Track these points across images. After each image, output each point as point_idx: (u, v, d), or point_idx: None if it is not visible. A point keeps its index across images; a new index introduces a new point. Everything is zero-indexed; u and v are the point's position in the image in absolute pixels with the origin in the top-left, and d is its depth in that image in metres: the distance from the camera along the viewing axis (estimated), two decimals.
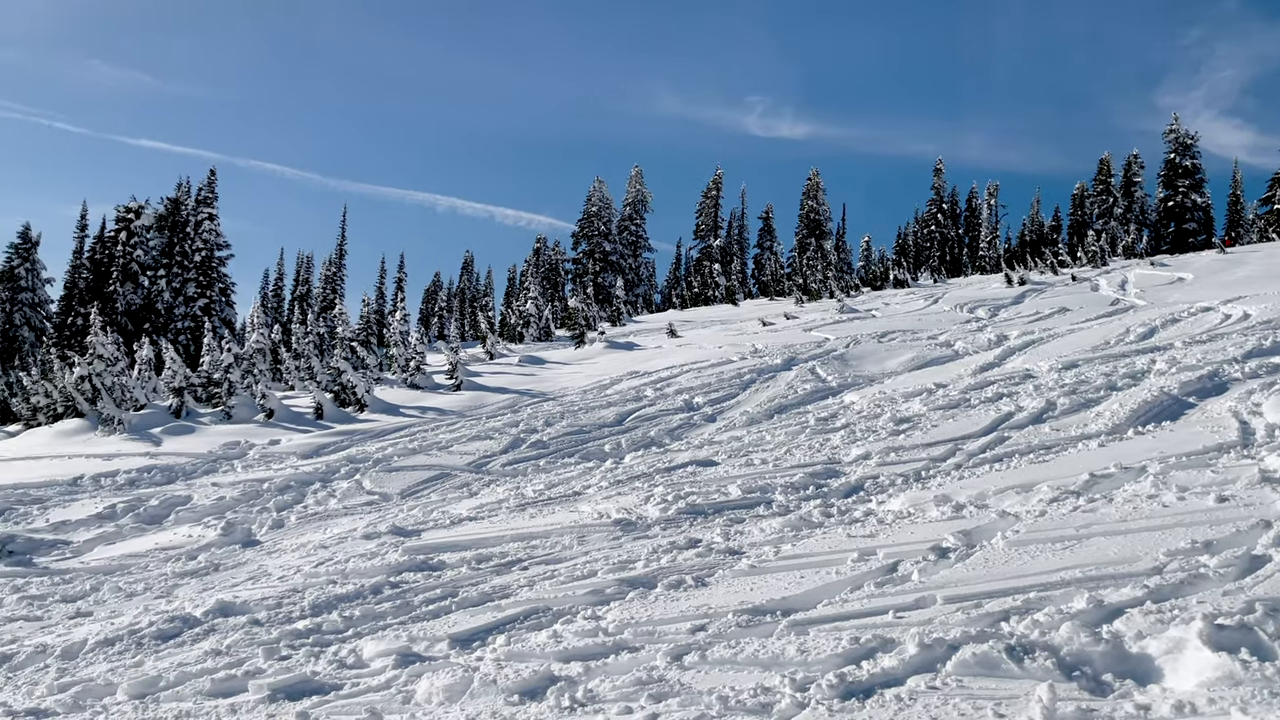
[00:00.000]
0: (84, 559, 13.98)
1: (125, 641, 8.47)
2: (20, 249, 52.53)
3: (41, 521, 15.86)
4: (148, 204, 48.31)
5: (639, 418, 19.08)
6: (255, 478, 17.46)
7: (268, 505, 15.77)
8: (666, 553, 9.55)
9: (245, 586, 10.58)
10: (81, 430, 22.86)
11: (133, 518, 15.87)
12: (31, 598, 11.66)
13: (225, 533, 14.33)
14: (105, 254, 48.40)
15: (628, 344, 31.37)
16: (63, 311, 48.89)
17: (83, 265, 49.04)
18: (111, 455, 19.96)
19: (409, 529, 12.47)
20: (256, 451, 19.83)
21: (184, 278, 46.85)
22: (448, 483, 16.15)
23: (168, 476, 18.30)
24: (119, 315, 45.00)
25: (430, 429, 20.66)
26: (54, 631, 9.46)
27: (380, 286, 53.43)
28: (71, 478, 18.28)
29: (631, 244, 63.76)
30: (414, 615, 8.55)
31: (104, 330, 26.67)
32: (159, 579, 11.96)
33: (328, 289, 54.47)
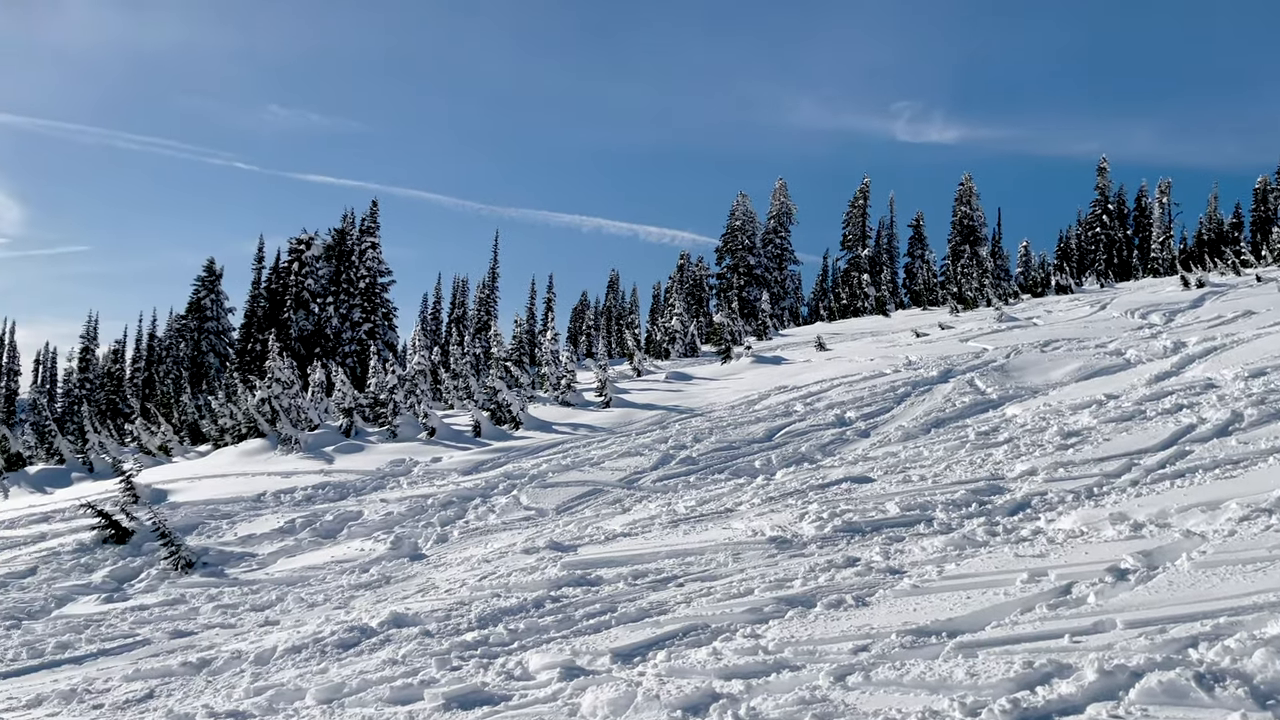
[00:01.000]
0: (269, 571, 14.95)
1: (311, 649, 9.02)
2: (206, 281, 56.86)
3: (230, 535, 17.06)
4: (317, 235, 51.43)
5: (789, 433, 18.91)
6: (420, 494, 18.25)
7: (432, 520, 16.46)
8: (824, 571, 9.43)
9: (415, 599, 11.08)
10: (263, 450, 24.46)
11: (310, 532, 16.88)
12: (225, 606, 12.58)
13: (394, 547, 15.05)
14: (280, 284, 51.80)
15: (775, 358, 31.14)
16: (243, 338, 52.56)
17: (260, 295, 52.63)
18: (290, 473, 21.27)
19: (566, 544, 12.76)
20: (420, 469, 20.71)
21: (350, 304, 49.58)
22: (600, 498, 16.44)
23: (340, 493, 19.35)
24: (293, 341, 48.01)
25: (582, 445, 21.08)
26: (247, 638, 10.16)
27: (531, 307, 55.03)
28: (255, 494, 19.58)
29: (776, 257, 63.34)
30: (575, 629, 8.75)
31: (280, 355, 28.49)
32: (336, 590, 12.68)
33: (482, 311, 56.48)
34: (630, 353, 35.31)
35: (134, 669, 9.18)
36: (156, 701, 8.19)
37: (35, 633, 11.91)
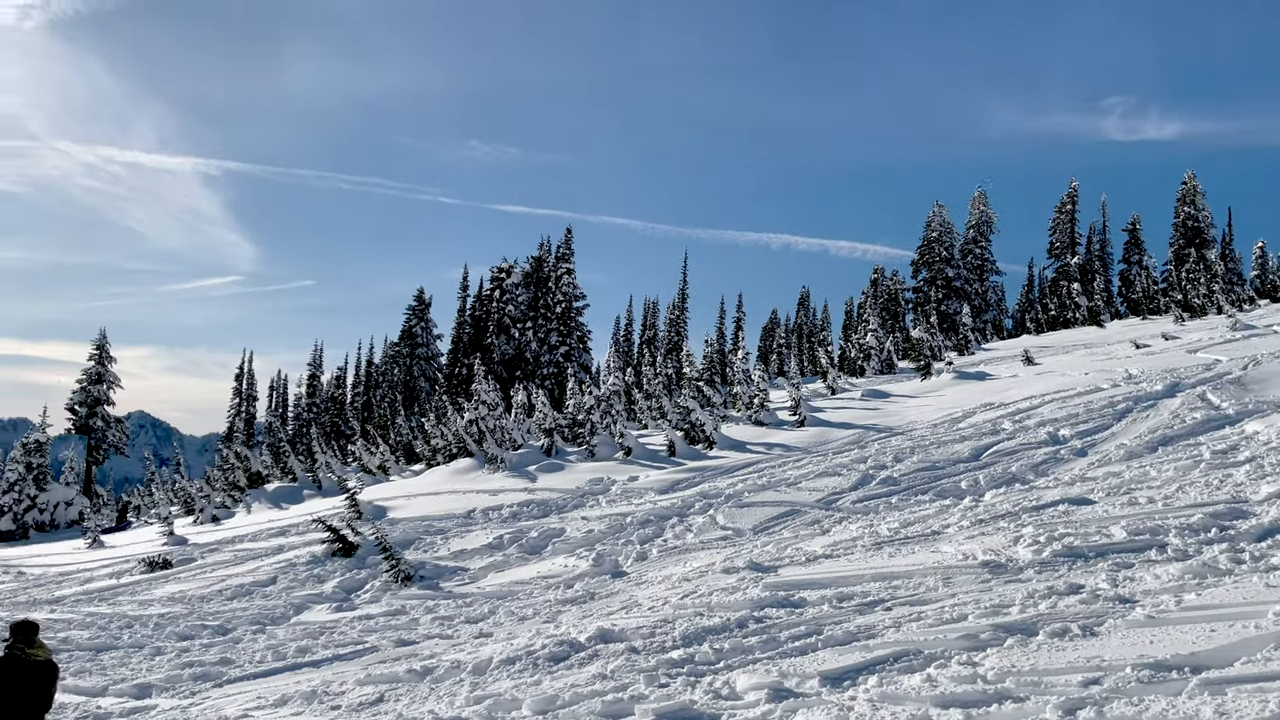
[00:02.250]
0: (480, 585, 15.66)
1: (523, 661, 9.36)
2: (416, 310, 60.58)
3: (444, 550, 18.00)
4: (516, 264, 53.81)
5: (997, 452, 18.01)
6: (618, 512, 18.62)
7: (631, 538, 16.75)
8: (1044, 598, 8.90)
9: (620, 615, 11.29)
10: (471, 468, 25.69)
11: (517, 548, 17.57)
12: (442, 618, 13.26)
13: (596, 564, 15.42)
14: (483, 310, 54.48)
15: (978, 374, 29.79)
16: (450, 363, 55.56)
17: (465, 321, 55.51)
18: (497, 491, 22.22)
19: (766, 565, 12.65)
20: (618, 487, 21.14)
21: (547, 328, 51.47)
22: (798, 519, 16.21)
23: (543, 510, 20.02)
24: (496, 364, 50.31)
25: (777, 465, 20.88)
26: (464, 649, 10.67)
27: (720, 326, 55.26)
28: (465, 511, 20.58)
29: (977, 268, 60.67)
30: (781, 650, 8.65)
31: (485, 379, 29.90)
32: (544, 605, 13.11)
33: (672, 331, 57.23)
34: (823, 371, 34.75)
35: (365, 674, 9.82)
36: (387, 705, 8.72)
37: (278, 637, 12.97)
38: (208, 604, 15.65)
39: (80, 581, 19.25)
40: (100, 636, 13.50)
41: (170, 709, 9.49)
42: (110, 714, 9.56)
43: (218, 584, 17.05)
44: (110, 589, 17.94)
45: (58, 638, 13.40)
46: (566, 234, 53.10)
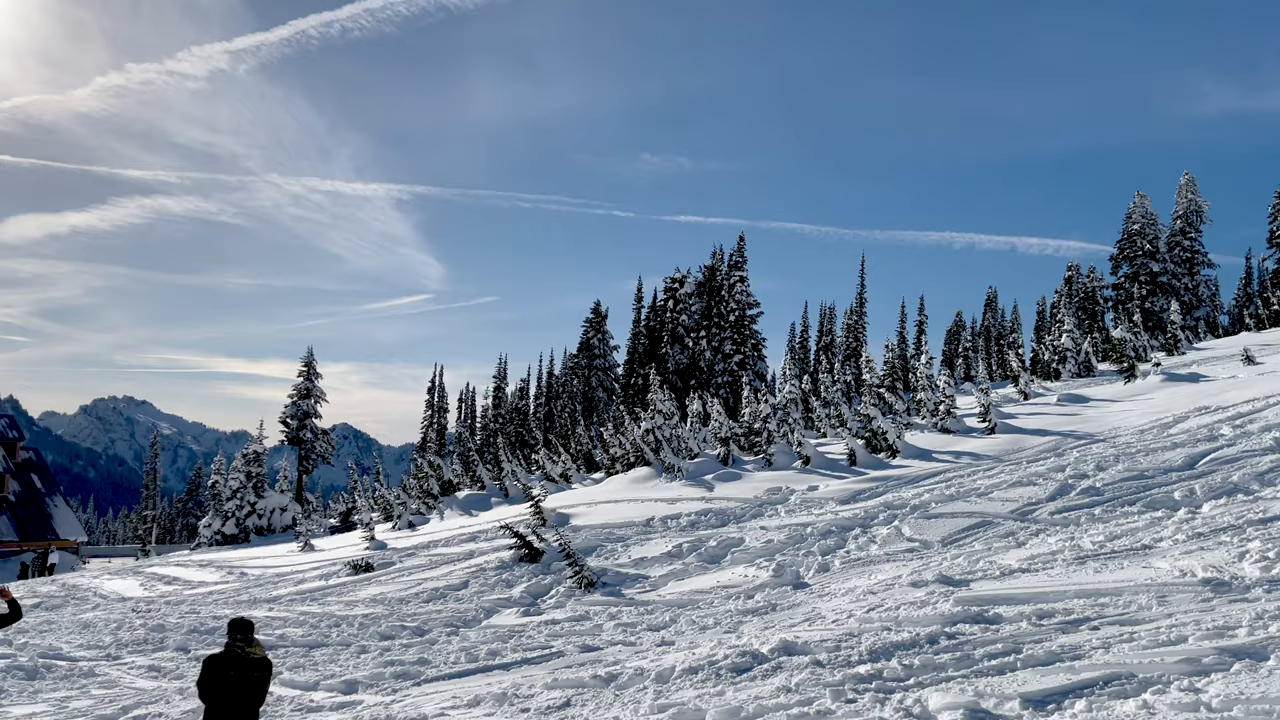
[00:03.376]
0: (660, 592, 15.76)
1: (706, 671, 9.31)
2: (593, 322, 61.99)
3: (625, 558, 18.23)
4: (689, 273, 54.10)
5: (1216, 460, 16.55)
6: (798, 522, 18.31)
7: (812, 549, 16.42)
8: (1275, 619, 8.06)
9: (803, 627, 11.06)
10: (649, 477, 25.95)
11: (696, 557, 17.58)
12: (625, 625, 13.42)
13: (776, 574, 15.20)
14: (657, 320, 55.07)
15: (1190, 375, 27.51)
16: (627, 373, 56.46)
17: (640, 332, 56.29)
18: (674, 500, 22.33)
19: (956, 578, 12.10)
20: (797, 497, 20.80)
21: (721, 336, 51.42)
22: (990, 531, 15.43)
23: (721, 520, 19.95)
24: (670, 374, 50.71)
25: (966, 474, 19.99)
26: (646, 656, 10.73)
27: (901, 330, 53.52)
28: (644, 519, 20.79)
29: (1185, 261, 56.12)
30: (976, 669, 8.22)
31: (660, 388, 30.17)
32: (725, 615, 13.03)
33: (850, 337, 55.98)
34: (1014, 374, 33.04)
35: (552, 678, 10.04)
36: (573, 710, 8.87)
37: (470, 640, 13.48)
38: (406, 606, 16.48)
39: (294, 582, 20.70)
40: (312, 634, 14.44)
41: (375, 705, 10.00)
42: (322, 707, 10.18)
43: (415, 587, 17.94)
44: (320, 590, 19.21)
45: (275, 634, 14.45)
46: (739, 241, 52.95)
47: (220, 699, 6.73)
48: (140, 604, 19.41)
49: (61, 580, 26.64)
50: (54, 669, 13.04)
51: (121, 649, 14.33)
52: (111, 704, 10.83)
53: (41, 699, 11.40)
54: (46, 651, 14.13)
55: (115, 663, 13.48)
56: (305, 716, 9.84)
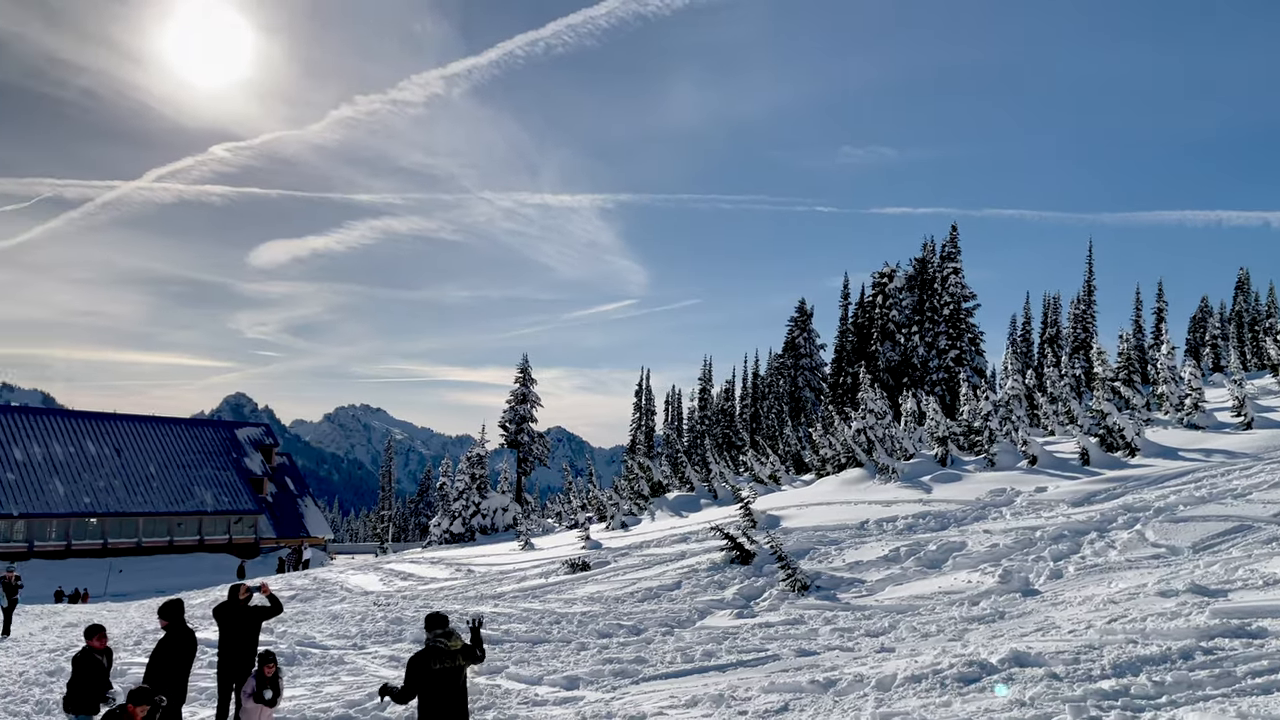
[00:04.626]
0: (877, 597, 15.29)
1: (930, 680, 8.92)
2: (798, 321, 61.20)
3: (839, 561, 17.82)
4: (898, 267, 52.33)
5: None
6: (1025, 525, 17.27)
7: (1042, 554, 15.44)
8: None
9: (1035, 637, 10.40)
10: (861, 479, 25.29)
11: (914, 561, 16.92)
12: (841, 630, 13.10)
13: (1003, 580, 14.38)
14: (865, 317, 53.64)
15: None
16: (834, 372, 55.34)
17: (847, 329, 55.02)
18: (889, 502, 21.63)
19: (1212, 588, 11.01)
20: (1023, 499, 19.65)
21: (935, 331, 49.42)
22: (1250, 536, 13.97)
23: (940, 523, 19.13)
24: (881, 372, 49.21)
25: (1219, 474, 18.20)
26: (865, 663, 10.42)
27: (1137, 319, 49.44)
28: (858, 522, 20.25)
29: None
30: (1238, 688, 7.43)
31: (871, 387, 29.31)
32: (948, 622, 12.46)
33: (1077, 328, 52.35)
34: (1273, 364, 29.83)
35: (769, 681, 9.93)
36: (791, 715, 8.73)
37: (685, 640, 13.58)
38: (621, 605, 16.83)
39: (516, 580, 21.63)
40: (534, 630, 15.02)
41: (595, 701, 10.25)
42: (546, 701, 10.54)
43: (629, 586, 18.30)
44: (540, 587, 19.97)
45: (501, 629, 15.13)
46: (951, 231, 50.70)
47: (429, 692, 7.09)
48: (381, 598, 20.87)
49: (313, 575, 29.11)
50: (309, 656, 14.22)
51: (366, 639, 15.44)
52: (359, 690, 11.67)
53: (299, 683, 12.45)
54: (302, 640, 15.44)
55: (361, 652, 14.53)
56: (531, 710, 10.21)
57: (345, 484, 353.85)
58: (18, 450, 60.74)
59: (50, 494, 59.54)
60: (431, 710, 7.10)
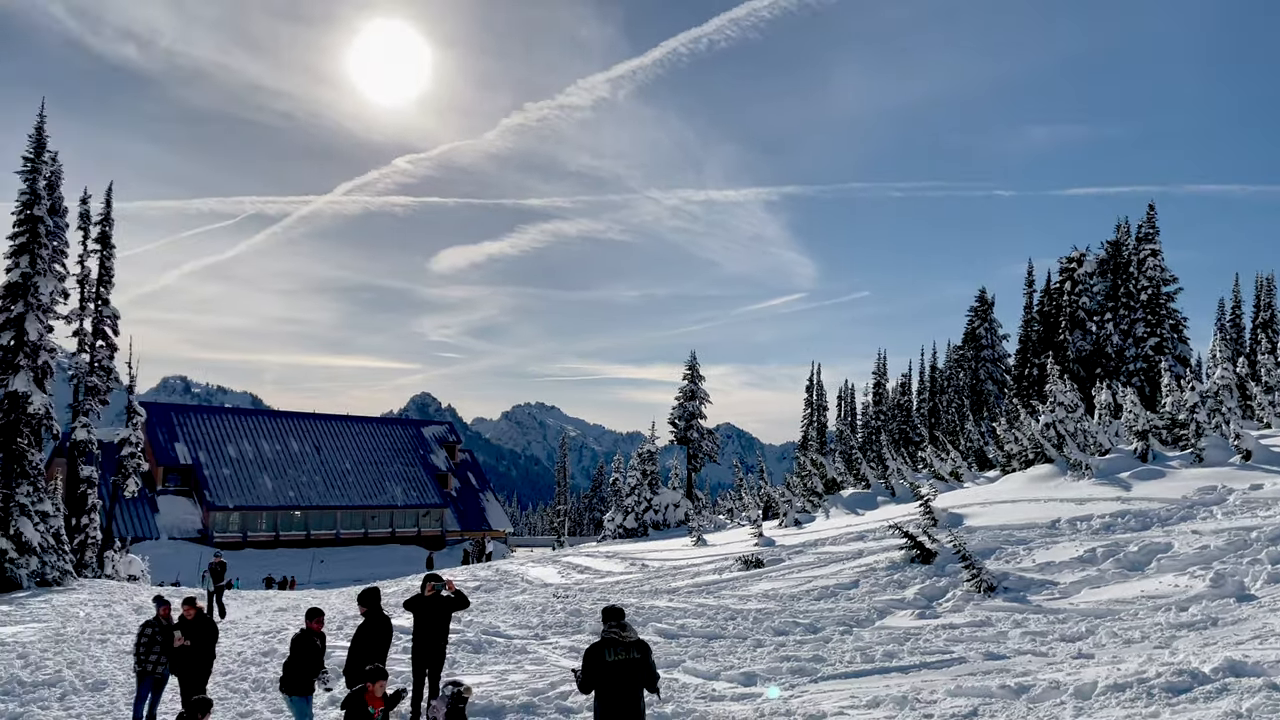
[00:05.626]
0: (1072, 600, 14.42)
1: (1135, 689, 8.33)
2: (978, 311, 58.65)
3: (1028, 562, 16.93)
4: (1087, 251, 49.20)
5: None
6: (1240, 526, 15.90)
7: (1259, 557, 14.15)
8: None
9: (1252, 645, 9.54)
10: (1051, 475, 23.96)
11: (1113, 563, 15.86)
12: (1032, 634, 12.44)
13: (1215, 584, 13.27)
14: (1052, 305, 50.77)
15: None
16: (1019, 364, 52.69)
17: (1032, 318, 52.23)
18: (1083, 500, 20.40)
19: None
20: (1236, 497, 18.09)
21: (1130, 318, 46.24)
22: None
23: (1142, 522, 17.87)
24: (1070, 362, 46.45)
25: None
26: (1061, 669, 9.85)
27: None
28: (1048, 521, 19.18)
29: None
30: None
31: (1060, 378, 27.72)
32: (1153, 628, 11.61)
33: None
34: None
35: (955, 685, 9.55)
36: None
37: (864, 640, 13.25)
38: (797, 602, 16.62)
39: (689, 575, 21.73)
40: (709, 626, 15.04)
41: (774, 698, 10.15)
42: (724, 697, 10.53)
43: (805, 584, 18.04)
44: (714, 583, 19.98)
45: (676, 624, 15.24)
46: (1148, 211, 47.22)
47: (606, 683, 7.20)
48: (559, 590, 21.45)
49: (495, 566, 30.26)
50: (494, 644, 14.78)
51: (547, 630, 15.91)
52: (542, 679, 12.02)
53: (486, 670, 12.95)
54: (487, 629, 16.06)
55: (542, 642, 14.98)
56: (709, 705, 10.22)
57: (522, 479, 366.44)
58: (232, 448, 66.16)
59: (260, 488, 64.56)
60: (606, 700, 7.22)
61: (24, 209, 27.83)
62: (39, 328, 27.41)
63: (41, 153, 28.40)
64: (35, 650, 15.97)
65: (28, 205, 27.83)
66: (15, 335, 26.88)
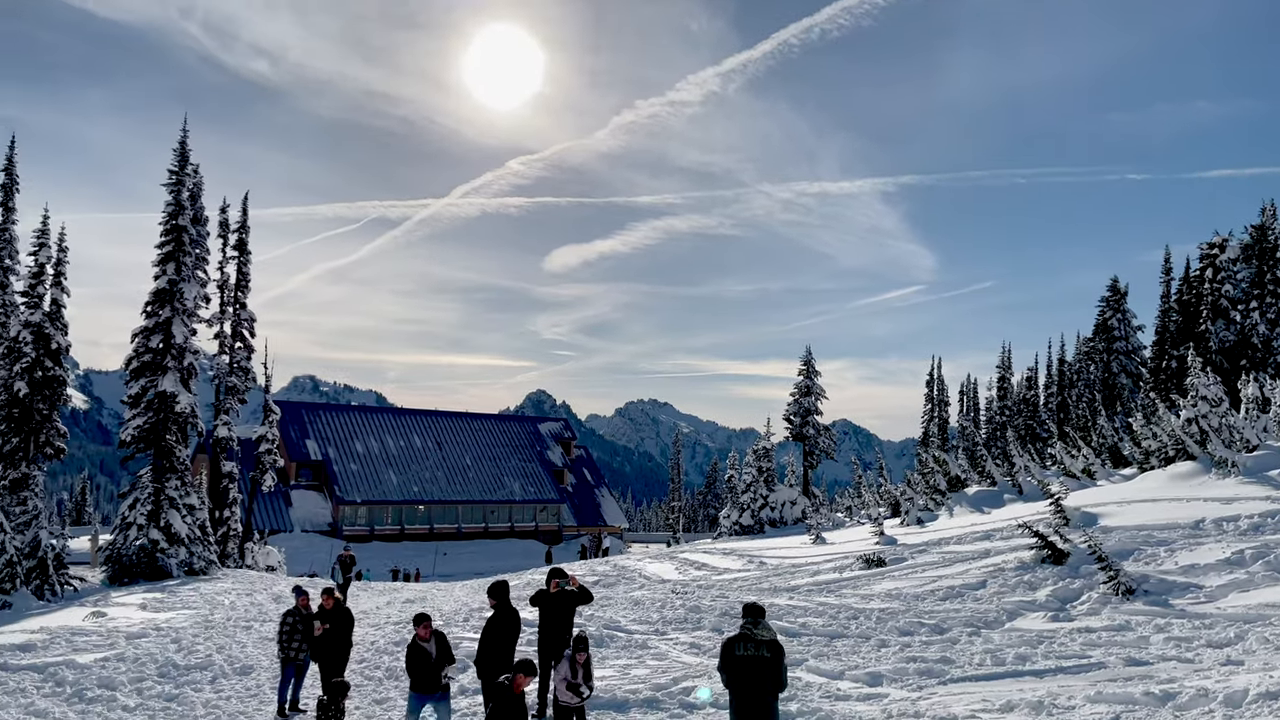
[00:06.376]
0: (1219, 604, 13.65)
1: None
2: (1110, 301, 56.01)
3: (1170, 564, 16.10)
4: (1230, 236, 46.42)
5: None
6: None
7: None
8: None
9: None
10: (1194, 473, 22.72)
11: (1263, 565, 14.93)
12: (1176, 639, 11.83)
13: None
14: (1192, 294, 48.09)
15: None
16: (1155, 355, 50.11)
17: (1170, 308, 49.59)
18: (1230, 499, 19.28)
19: None
20: None
21: (1278, 306, 43.48)
22: None
23: None
24: (1212, 354, 43.93)
25: None
26: (1209, 676, 9.35)
27: None
28: (1191, 521, 18.20)
29: None
30: None
31: (1203, 371, 26.26)
32: None
33: None
34: None
35: (1095, 691, 9.17)
36: None
37: (994, 642, 12.85)
38: (922, 602, 16.24)
39: (809, 573, 21.49)
40: (831, 625, 14.84)
41: (901, 699, 9.97)
42: (849, 696, 10.39)
43: (929, 584, 17.61)
44: (834, 582, 19.71)
45: (797, 623, 15.10)
46: None
47: (735, 677, 7.22)
48: (677, 586, 21.52)
49: (612, 561, 30.56)
50: (615, 639, 14.94)
51: (666, 625, 15.98)
52: (664, 674, 12.11)
53: (608, 665, 13.11)
54: (608, 624, 16.25)
55: (663, 638, 15.06)
56: (834, 704, 10.10)
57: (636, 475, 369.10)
58: (359, 444, 68.77)
59: (386, 483, 66.92)
60: (737, 694, 7.23)
61: (170, 219, 29.54)
62: (184, 331, 29.06)
63: (185, 166, 30.08)
64: (187, 635, 16.97)
65: (173, 216, 29.53)
66: (163, 338, 28.57)
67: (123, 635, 16.95)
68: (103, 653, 15.39)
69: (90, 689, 13.04)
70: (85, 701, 12.47)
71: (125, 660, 14.81)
